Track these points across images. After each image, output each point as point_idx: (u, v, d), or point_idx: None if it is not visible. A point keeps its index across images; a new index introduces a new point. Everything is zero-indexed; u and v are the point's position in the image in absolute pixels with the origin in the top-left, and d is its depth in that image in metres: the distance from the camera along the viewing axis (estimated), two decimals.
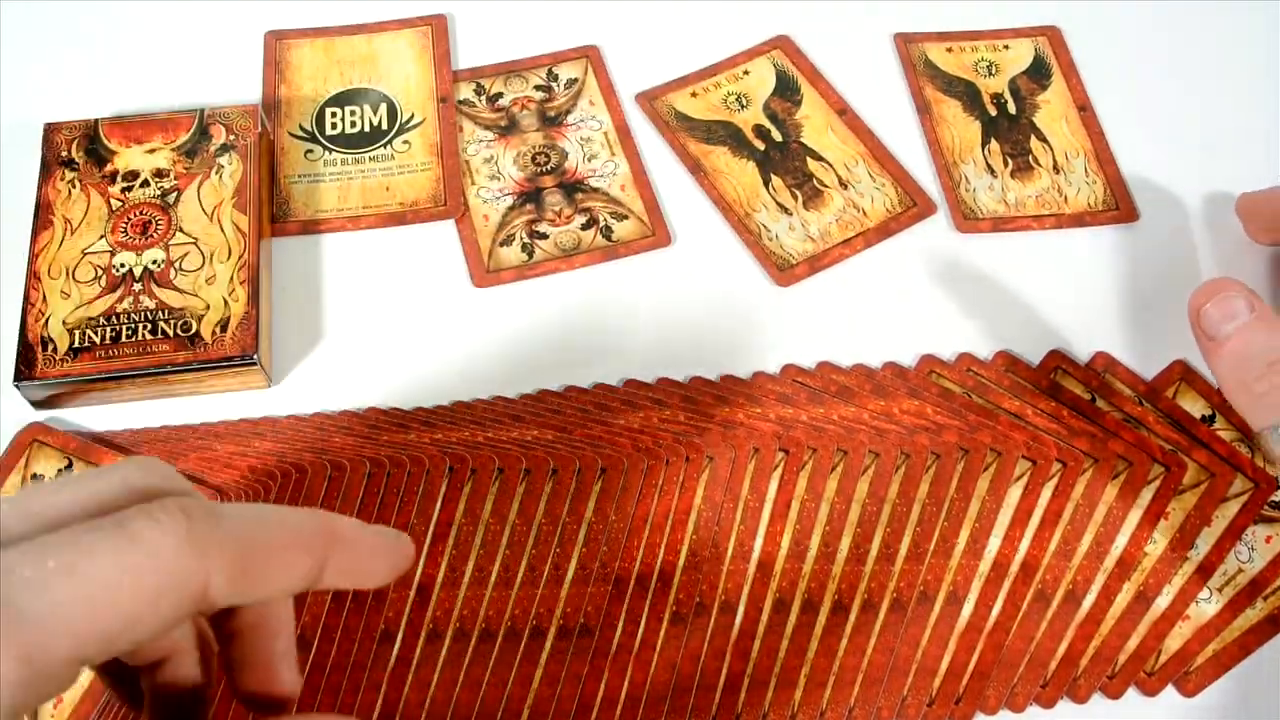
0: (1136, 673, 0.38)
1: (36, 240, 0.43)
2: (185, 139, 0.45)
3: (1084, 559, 0.39)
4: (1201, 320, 0.36)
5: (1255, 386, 0.34)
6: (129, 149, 0.45)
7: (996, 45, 0.52)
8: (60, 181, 0.44)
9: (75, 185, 0.44)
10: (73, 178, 0.44)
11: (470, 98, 0.50)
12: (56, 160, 0.45)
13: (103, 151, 0.45)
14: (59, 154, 0.45)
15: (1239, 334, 0.35)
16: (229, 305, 0.41)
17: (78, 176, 0.44)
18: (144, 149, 0.45)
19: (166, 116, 0.46)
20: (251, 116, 0.46)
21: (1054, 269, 0.46)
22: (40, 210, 0.44)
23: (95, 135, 0.45)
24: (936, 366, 0.43)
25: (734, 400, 0.42)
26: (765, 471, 0.40)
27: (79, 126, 0.46)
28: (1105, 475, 0.40)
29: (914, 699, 0.37)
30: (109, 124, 0.46)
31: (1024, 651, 0.38)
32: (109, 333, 0.41)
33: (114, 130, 0.46)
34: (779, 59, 0.52)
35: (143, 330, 0.41)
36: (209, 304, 0.41)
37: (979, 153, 0.49)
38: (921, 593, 0.38)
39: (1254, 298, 0.36)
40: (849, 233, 0.47)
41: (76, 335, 0.41)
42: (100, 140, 0.45)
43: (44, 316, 0.41)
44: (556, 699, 0.36)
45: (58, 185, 0.44)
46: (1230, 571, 0.39)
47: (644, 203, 0.47)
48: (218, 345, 0.41)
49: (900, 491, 0.39)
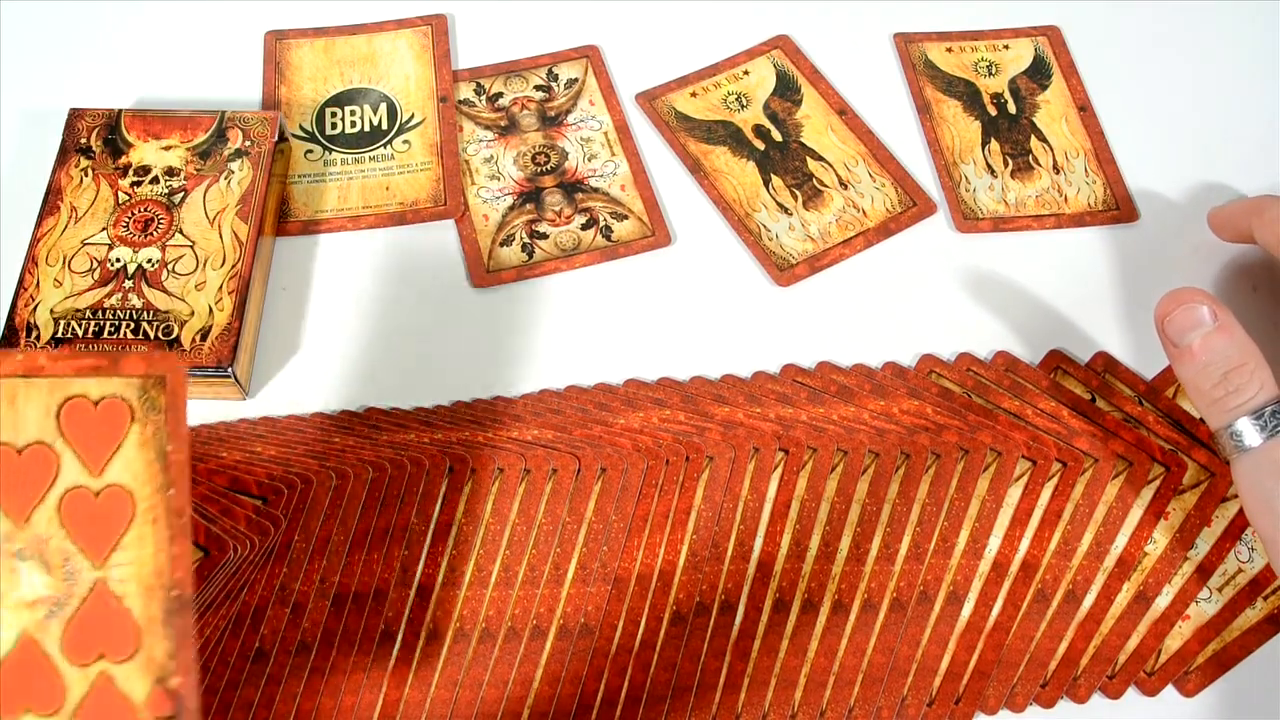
0: (1136, 672, 0.38)
1: (41, 224, 0.43)
2: (202, 140, 0.45)
3: (1084, 559, 0.39)
4: (1167, 328, 0.38)
5: (1213, 392, 0.37)
6: (146, 143, 0.45)
7: (996, 45, 0.52)
8: (74, 168, 0.44)
9: (88, 173, 0.44)
10: (87, 165, 0.44)
11: (470, 97, 0.50)
12: (74, 146, 0.45)
13: (120, 143, 0.45)
14: (78, 140, 0.45)
15: (1202, 342, 0.37)
16: (214, 314, 0.41)
17: (92, 165, 0.44)
18: (160, 145, 0.45)
19: (189, 115, 0.46)
20: (270, 124, 0.46)
21: (1054, 269, 0.46)
22: (50, 194, 0.44)
23: (116, 126, 0.45)
24: (936, 366, 0.43)
25: (734, 400, 0.42)
26: (765, 471, 0.40)
27: (101, 115, 0.46)
28: (1105, 475, 0.40)
29: (914, 699, 0.37)
30: (130, 116, 0.46)
31: (1024, 651, 0.38)
32: (92, 327, 0.41)
33: (134, 123, 0.46)
34: (779, 59, 0.52)
35: (125, 329, 0.41)
36: (194, 310, 0.41)
37: (979, 153, 0.49)
38: (921, 592, 0.38)
39: (1217, 307, 0.38)
40: (849, 233, 0.47)
41: (61, 325, 0.41)
42: (120, 131, 0.45)
43: (34, 302, 0.41)
44: (556, 699, 0.36)
45: (71, 172, 0.44)
46: (1230, 571, 0.39)
47: (644, 203, 0.47)
48: (195, 353, 0.41)
49: (900, 491, 0.39)
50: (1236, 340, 0.37)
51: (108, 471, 0.27)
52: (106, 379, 0.28)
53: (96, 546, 0.27)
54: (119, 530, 0.27)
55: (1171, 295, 0.38)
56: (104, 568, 0.27)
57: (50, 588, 0.27)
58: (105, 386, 0.27)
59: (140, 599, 0.27)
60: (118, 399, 0.28)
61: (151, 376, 0.28)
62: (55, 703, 0.26)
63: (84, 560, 0.27)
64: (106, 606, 0.27)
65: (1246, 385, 0.36)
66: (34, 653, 0.26)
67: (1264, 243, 0.42)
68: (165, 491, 0.27)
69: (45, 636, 0.27)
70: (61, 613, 0.27)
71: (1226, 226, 0.45)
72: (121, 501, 0.27)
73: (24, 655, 0.26)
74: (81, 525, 0.27)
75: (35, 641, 0.26)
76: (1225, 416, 0.37)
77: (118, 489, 0.27)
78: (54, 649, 0.27)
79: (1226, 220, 0.45)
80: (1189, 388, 0.38)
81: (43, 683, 0.26)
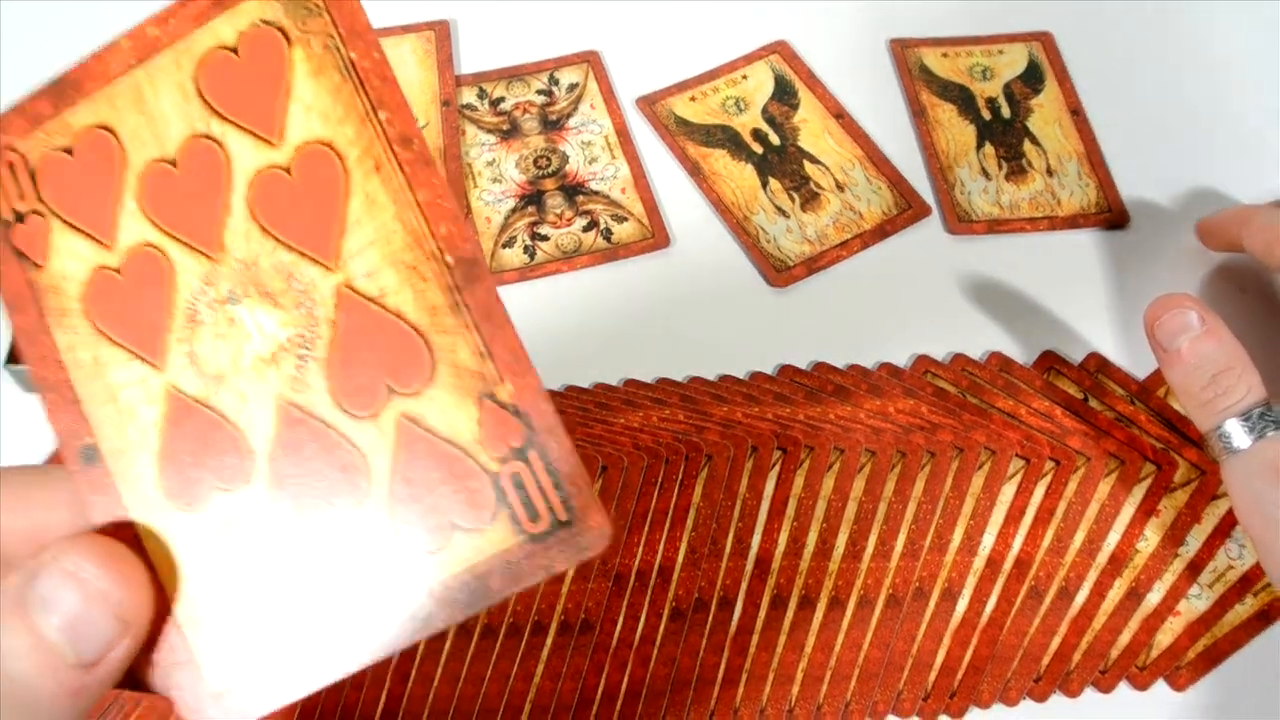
0: (1128, 667, 0.38)
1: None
2: None
3: (1077, 556, 0.39)
4: (1156, 333, 0.39)
5: (1202, 394, 0.38)
6: None
7: (991, 50, 0.53)
8: None
9: None
10: None
11: (473, 102, 0.51)
12: None
13: None
14: None
15: (1190, 346, 0.38)
16: None
17: None
18: None
19: None
20: None
21: (1047, 271, 0.47)
22: None
23: None
24: (931, 366, 0.44)
25: (732, 400, 0.42)
26: (763, 470, 0.40)
27: None
28: (1098, 473, 0.40)
29: (909, 693, 0.37)
30: None
31: (1018, 646, 0.38)
32: None
33: None
34: (777, 64, 0.53)
35: None
36: None
37: (974, 156, 0.50)
38: (917, 589, 0.39)
39: (1205, 311, 0.38)
40: (846, 235, 0.47)
41: None
42: None
43: None
44: (558, 693, 0.37)
45: None
46: (1220, 568, 0.40)
47: (644, 205, 0.48)
48: None
49: (896, 489, 0.40)
50: (1224, 344, 0.38)
51: (288, 131, 0.19)
52: (234, 8, 0.20)
53: (318, 241, 0.19)
54: (335, 205, 0.19)
55: (1160, 301, 0.39)
56: (340, 266, 0.19)
57: (286, 324, 0.19)
58: (237, 20, 0.20)
59: (406, 288, 0.19)
60: (259, 26, 0.19)
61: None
62: (357, 485, 0.19)
63: (311, 266, 0.19)
64: (367, 319, 0.19)
65: (1234, 388, 0.37)
66: (303, 424, 0.19)
67: (1252, 250, 0.43)
68: (374, 118, 0.19)
69: (308, 395, 0.19)
70: (314, 353, 0.19)
71: (1214, 237, 0.46)
72: (323, 163, 0.19)
73: (292, 432, 0.19)
74: (287, 220, 0.19)
75: (298, 407, 0.19)
76: (1214, 418, 0.37)
77: (311, 148, 0.19)
78: (325, 409, 0.19)
79: (1214, 230, 0.46)
80: (1178, 390, 0.39)
81: (329, 463, 0.19)
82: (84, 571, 0.18)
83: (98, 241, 0.20)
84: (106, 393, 0.20)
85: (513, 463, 0.18)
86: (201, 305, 0.19)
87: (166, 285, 0.19)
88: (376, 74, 0.19)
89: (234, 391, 0.19)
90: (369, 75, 0.19)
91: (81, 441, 0.19)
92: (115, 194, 0.20)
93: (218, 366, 0.19)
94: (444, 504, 0.18)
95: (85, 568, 0.18)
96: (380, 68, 0.19)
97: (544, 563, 0.18)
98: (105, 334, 0.20)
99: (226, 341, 0.19)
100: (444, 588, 0.18)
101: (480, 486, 0.18)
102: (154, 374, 0.20)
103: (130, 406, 0.19)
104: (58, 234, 0.20)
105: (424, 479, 0.18)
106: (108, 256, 0.20)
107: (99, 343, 0.20)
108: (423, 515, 0.18)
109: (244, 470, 0.19)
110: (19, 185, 0.20)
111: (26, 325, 0.20)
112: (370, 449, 0.19)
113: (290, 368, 0.19)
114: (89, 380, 0.20)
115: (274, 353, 0.19)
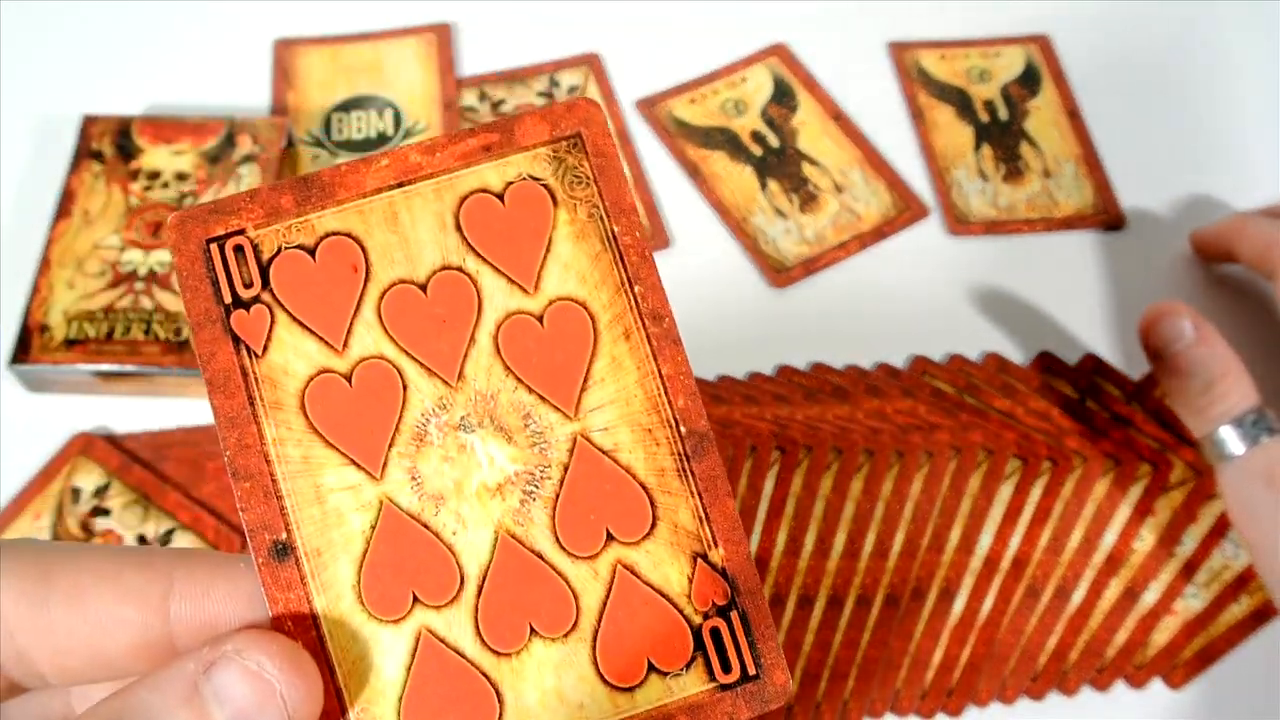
0: (1125, 666, 0.38)
1: (55, 227, 0.44)
2: (212, 145, 0.46)
3: (1073, 555, 0.40)
4: (1150, 340, 0.40)
5: (1196, 401, 0.38)
6: (157, 148, 0.46)
7: (988, 53, 0.53)
8: (86, 173, 0.45)
9: (100, 178, 0.45)
10: (99, 170, 0.45)
11: (474, 104, 0.51)
12: (87, 151, 0.46)
13: (132, 148, 0.46)
14: (90, 145, 0.46)
15: (1184, 353, 0.38)
16: None
17: (104, 169, 0.45)
18: (171, 149, 0.46)
19: (199, 121, 0.47)
20: (279, 130, 0.47)
21: (1044, 272, 0.47)
22: (63, 198, 0.45)
23: (127, 131, 0.46)
24: (929, 367, 0.44)
25: (731, 400, 0.43)
26: (762, 469, 0.40)
27: (114, 120, 0.47)
28: (1094, 473, 0.41)
29: (907, 691, 0.38)
30: (142, 122, 0.47)
31: (1015, 645, 0.38)
32: (105, 328, 0.42)
33: (146, 128, 0.47)
34: (776, 66, 0.53)
35: (136, 330, 0.42)
36: None
37: (971, 158, 0.50)
38: (915, 588, 0.39)
39: (1198, 319, 0.39)
40: (844, 236, 0.48)
41: (74, 327, 0.42)
42: (131, 136, 0.46)
43: (46, 304, 0.42)
44: None
45: (84, 176, 0.45)
46: (1216, 567, 0.40)
47: (643, 206, 0.48)
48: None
49: (894, 489, 0.40)
50: (1217, 351, 0.38)
51: (544, 283, 0.20)
52: (504, 159, 0.21)
53: (561, 389, 0.20)
54: (582, 360, 0.20)
55: (1153, 309, 0.40)
56: (579, 416, 0.20)
57: (517, 460, 0.20)
58: (506, 170, 0.21)
59: (639, 448, 0.20)
60: (527, 181, 0.21)
61: (562, 140, 0.21)
62: (565, 617, 0.20)
63: (550, 412, 0.20)
64: (599, 469, 0.20)
65: (1228, 394, 0.37)
66: (520, 556, 0.20)
67: (1247, 260, 0.43)
68: (629, 290, 0.20)
69: (529, 529, 0.20)
70: (541, 491, 0.20)
71: (1208, 250, 0.46)
72: (574, 319, 0.20)
73: (509, 561, 0.20)
74: (532, 364, 0.20)
75: (517, 539, 0.20)
76: (1208, 425, 0.38)
77: (565, 304, 0.20)
78: (545, 544, 0.20)
79: (1208, 243, 0.46)
80: (1172, 397, 0.39)
81: (542, 594, 0.20)
82: (266, 671, 0.18)
83: (328, 345, 0.20)
84: (313, 492, 0.20)
85: (715, 618, 0.20)
86: (432, 427, 0.20)
87: (396, 400, 0.20)
88: (636, 251, 0.21)
89: (453, 514, 0.20)
90: (629, 250, 0.21)
91: (274, 536, 0.19)
92: (354, 302, 0.20)
93: (440, 487, 0.20)
94: (646, 645, 0.20)
95: (268, 667, 0.18)
96: (640, 245, 0.21)
97: (728, 709, 0.20)
98: (321, 435, 0.20)
99: (454, 465, 0.20)
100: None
101: (682, 635, 0.20)
102: (369, 483, 0.20)
103: (337, 510, 0.20)
104: (283, 328, 0.20)
105: (631, 621, 0.20)
106: (336, 361, 0.20)
107: (313, 442, 0.20)
108: (626, 653, 0.20)
109: (451, 590, 0.20)
110: (247, 272, 0.20)
111: (229, 410, 0.20)
112: (583, 588, 0.20)
113: (515, 501, 0.20)
114: (295, 476, 0.20)
115: (500, 484, 0.20)
